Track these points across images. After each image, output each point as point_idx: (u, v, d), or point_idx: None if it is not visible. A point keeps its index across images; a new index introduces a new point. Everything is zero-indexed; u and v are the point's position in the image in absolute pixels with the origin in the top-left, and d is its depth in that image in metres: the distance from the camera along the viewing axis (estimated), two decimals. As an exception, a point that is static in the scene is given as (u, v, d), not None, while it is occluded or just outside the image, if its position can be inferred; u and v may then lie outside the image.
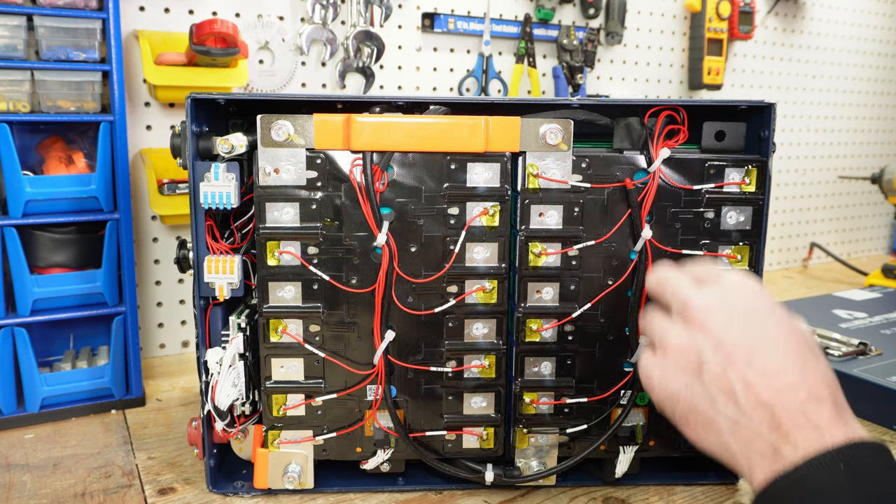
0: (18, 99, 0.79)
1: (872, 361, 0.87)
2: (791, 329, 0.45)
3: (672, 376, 0.47)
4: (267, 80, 1.05)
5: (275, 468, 0.63)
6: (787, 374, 0.43)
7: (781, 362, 0.43)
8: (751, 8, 1.45)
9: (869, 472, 0.39)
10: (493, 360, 0.63)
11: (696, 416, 0.46)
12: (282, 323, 0.61)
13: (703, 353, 0.45)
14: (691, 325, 0.47)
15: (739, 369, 0.43)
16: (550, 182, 0.60)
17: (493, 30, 1.22)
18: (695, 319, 0.46)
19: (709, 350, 0.45)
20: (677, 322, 0.48)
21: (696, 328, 0.46)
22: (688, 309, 0.47)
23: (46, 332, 0.88)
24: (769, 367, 0.43)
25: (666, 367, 0.48)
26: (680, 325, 0.48)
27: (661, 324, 0.50)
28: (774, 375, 0.43)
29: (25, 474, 0.69)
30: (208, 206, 0.59)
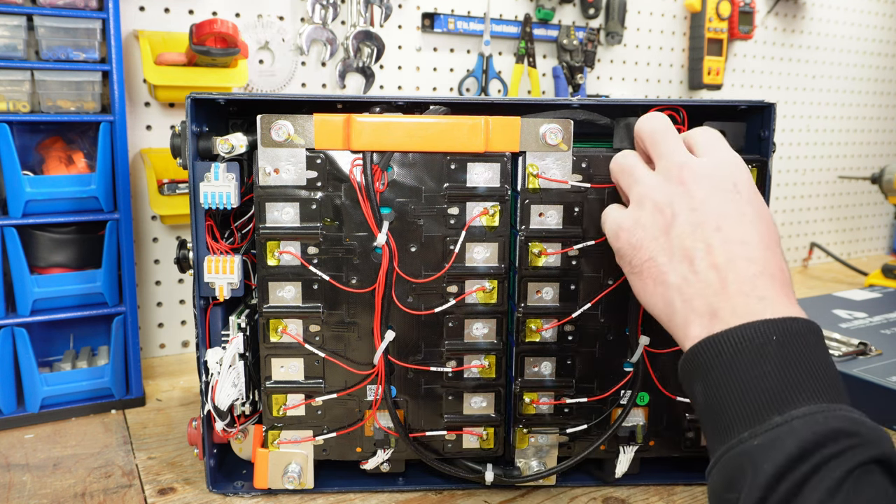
0: (18, 99, 0.79)
1: (872, 361, 0.87)
2: (765, 218, 0.47)
3: (642, 228, 0.49)
4: (267, 80, 1.05)
5: (275, 468, 0.63)
6: (748, 248, 0.45)
7: (747, 237, 0.45)
8: (751, 8, 1.45)
9: (796, 346, 0.41)
10: (493, 360, 0.63)
11: (651, 268, 0.48)
12: (282, 323, 0.61)
13: (678, 212, 0.47)
14: (677, 185, 0.48)
15: (707, 232, 0.45)
16: (550, 182, 0.60)
17: (493, 30, 1.22)
18: (683, 180, 0.48)
19: (685, 210, 0.47)
20: (660, 178, 0.50)
21: (681, 188, 0.48)
22: (682, 169, 0.48)
23: (46, 332, 0.88)
24: (734, 236, 0.45)
25: (639, 219, 0.49)
26: (663, 182, 0.49)
27: (645, 177, 0.51)
28: (737, 245, 0.45)
29: (25, 474, 0.69)
30: (208, 206, 0.59)
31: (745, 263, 0.44)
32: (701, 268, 0.45)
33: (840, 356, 0.87)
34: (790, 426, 0.38)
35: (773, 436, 0.38)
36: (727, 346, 0.42)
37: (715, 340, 0.43)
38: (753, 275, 0.44)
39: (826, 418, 0.38)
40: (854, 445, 0.37)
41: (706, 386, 0.43)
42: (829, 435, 0.37)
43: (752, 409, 0.40)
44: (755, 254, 0.45)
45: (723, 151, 0.50)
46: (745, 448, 0.39)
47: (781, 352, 0.41)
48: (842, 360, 0.87)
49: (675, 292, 0.46)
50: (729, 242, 0.45)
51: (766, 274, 0.44)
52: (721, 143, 0.51)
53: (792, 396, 0.39)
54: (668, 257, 0.47)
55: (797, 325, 0.42)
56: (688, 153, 0.50)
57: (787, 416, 0.39)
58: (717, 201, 0.47)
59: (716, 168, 0.48)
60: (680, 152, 0.50)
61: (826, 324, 1.00)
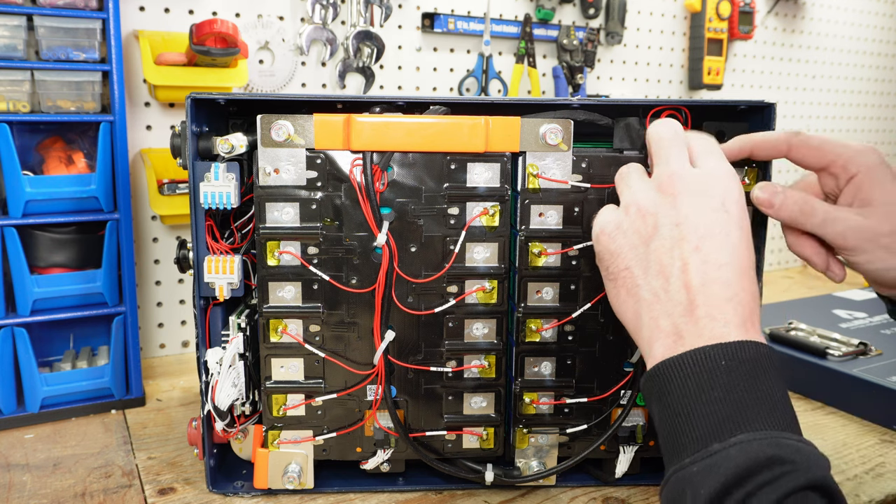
0: (18, 99, 0.79)
1: (872, 361, 0.87)
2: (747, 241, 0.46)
3: (623, 234, 0.48)
4: (267, 80, 1.05)
5: (275, 468, 0.63)
6: (725, 272, 0.44)
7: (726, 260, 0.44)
8: (751, 8, 1.45)
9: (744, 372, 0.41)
10: (493, 360, 0.63)
11: (626, 277, 0.47)
12: (282, 323, 0.61)
13: (661, 224, 0.46)
14: (665, 196, 0.47)
15: (685, 250, 0.45)
16: (550, 182, 0.60)
17: (493, 30, 1.22)
18: (672, 191, 0.47)
19: (668, 223, 0.46)
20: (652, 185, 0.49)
21: (669, 199, 0.47)
22: (672, 181, 0.48)
23: (46, 332, 0.88)
24: (713, 258, 0.44)
25: (621, 224, 0.49)
26: (654, 189, 0.48)
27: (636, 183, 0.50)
28: (713, 267, 0.44)
29: (25, 474, 0.69)
30: (208, 206, 0.59)
31: (720, 288, 0.44)
32: (674, 287, 0.45)
33: (840, 356, 0.87)
34: (727, 453, 0.38)
35: (711, 462, 0.39)
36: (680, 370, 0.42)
37: (672, 363, 0.43)
38: (725, 300, 0.43)
39: (762, 445, 0.38)
40: (788, 472, 0.37)
41: (661, 407, 0.43)
42: (764, 462, 0.37)
43: (697, 434, 0.41)
44: (731, 278, 0.44)
45: (717, 164, 0.49)
46: (685, 474, 0.40)
47: (728, 378, 0.41)
48: (842, 360, 0.87)
49: (645, 307, 0.46)
50: (706, 264, 0.44)
51: (737, 300, 0.44)
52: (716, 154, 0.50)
53: (733, 423, 0.40)
54: (644, 270, 0.46)
55: (747, 351, 0.42)
56: (684, 164, 0.49)
57: (725, 444, 0.39)
58: (702, 219, 0.46)
59: (708, 182, 0.47)
60: (676, 162, 0.49)
61: (826, 324, 1.00)
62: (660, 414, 0.44)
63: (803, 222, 0.54)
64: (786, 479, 0.37)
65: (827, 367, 0.86)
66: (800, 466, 0.37)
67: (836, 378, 0.85)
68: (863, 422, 0.82)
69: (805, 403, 0.87)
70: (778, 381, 0.42)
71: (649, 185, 0.49)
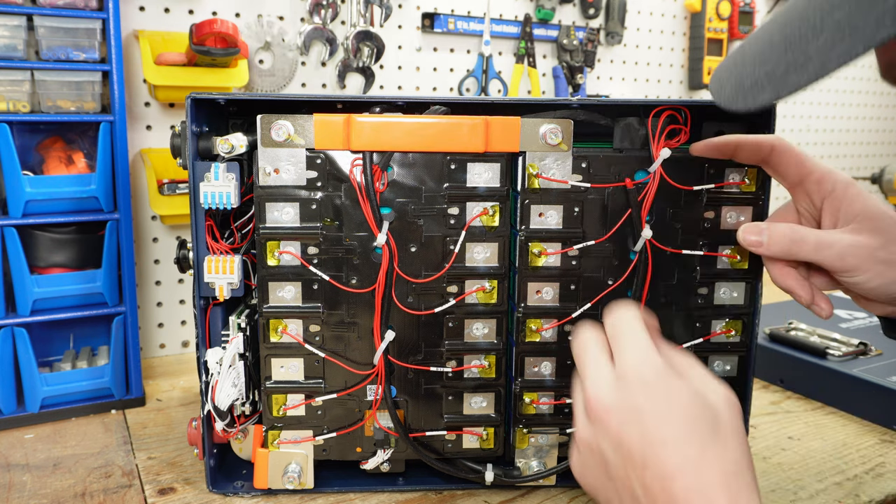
0: (18, 99, 0.79)
1: (872, 361, 0.87)
2: (690, 417, 0.41)
3: (589, 472, 0.45)
4: (267, 80, 1.05)
5: (275, 468, 0.63)
6: (681, 478, 0.39)
7: (676, 463, 0.40)
8: (751, 8, 1.45)
9: None
10: (493, 360, 0.63)
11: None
12: (282, 323, 0.61)
13: (605, 452, 0.43)
14: (594, 423, 0.44)
15: (637, 472, 0.41)
16: (550, 182, 0.60)
17: (493, 30, 1.22)
18: (595, 417, 0.44)
19: (609, 449, 0.43)
20: (583, 415, 0.45)
21: (598, 426, 0.43)
22: (589, 404, 0.44)
23: (46, 332, 0.88)
24: (663, 470, 0.40)
25: (584, 462, 0.46)
26: (585, 422, 0.45)
27: (577, 414, 0.46)
28: (668, 479, 0.40)
29: (25, 474, 0.69)
30: (208, 206, 0.59)
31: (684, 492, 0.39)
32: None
33: (840, 356, 0.87)
34: None
35: None
36: None
37: None
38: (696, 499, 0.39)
39: None
40: None
41: None
42: None
43: None
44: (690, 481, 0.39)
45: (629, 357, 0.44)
46: None
47: None
48: (842, 360, 0.87)
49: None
50: (660, 479, 0.40)
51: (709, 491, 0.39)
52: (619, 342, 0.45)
53: None
54: (619, 500, 0.43)
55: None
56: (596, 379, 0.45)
57: None
58: (634, 430, 0.41)
59: (626, 386, 0.43)
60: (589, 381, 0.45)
61: (826, 324, 1.00)
62: None
63: (796, 252, 0.53)
64: None
65: (827, 367, 0.86)
66: None
67: (836, 378, 0.85)
68: (863, 422, 0.82)
69: (805, 403, 0.87)
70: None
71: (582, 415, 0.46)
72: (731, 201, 0.62)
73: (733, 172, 0.62)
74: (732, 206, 0.63)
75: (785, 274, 0.55)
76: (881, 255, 0.51)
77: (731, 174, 0.62)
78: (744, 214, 0.63)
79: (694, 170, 0.62)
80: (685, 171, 0.62)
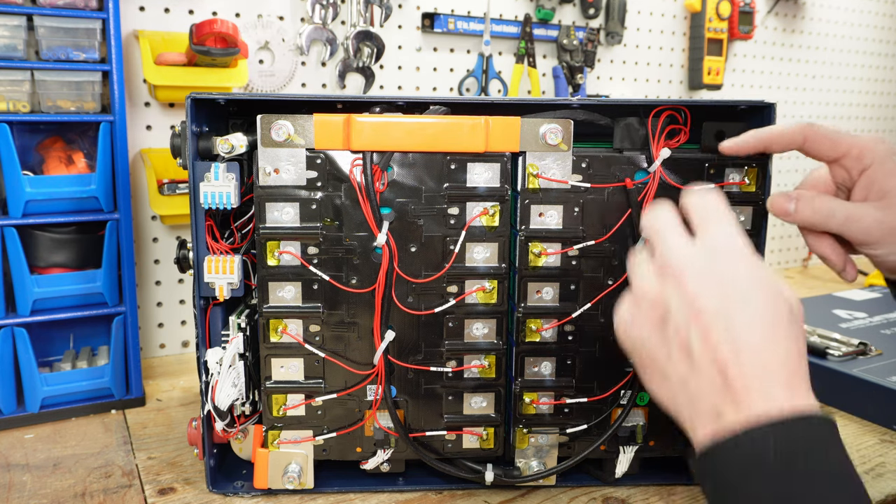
0: (18, 99, 0.79)
1: (872, 361, 0.87)
2: (769, 296, 0.43)
3: (639, 325, 0.47)
4: (267, 80, 1.05)
5: (275, 468, 0.63)
6: (750, 339, 0.41)
7: (748, 326, 0.42)
8: (751, 8, 1.45)
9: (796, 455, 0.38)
10: (493, 360, 0.63)
11: (653, 366, 0.46)
12: (282, 323, 0.61)
13: (671, 307, 0.45)
14: (667, 279, 0.46)
15: (701, 327, 0.42)
16: (550, 182, 0.60)
17: (493, 30, 1.22)
18: (670, 274, 0.45)
19: (677, 305, 0.44)
20: (655, 271, 0.47)
21: (671, 282, 0.45)
22: (667, 263, 0.46)
23: (46, 332, 0.88)
24: (734, 328, 0.42)
25: (636, 316, 0.47)
26: (656, 275, 0.47)
27: (641, 272, 0.49)
28: (737, 337, 0.41)
29: (25, 474, 0.69)
30: (208, 206, 0.59)
31: (746, 357, 0.41)
32: (700, 364, 0.42)
33: (840, 356, 0.87)
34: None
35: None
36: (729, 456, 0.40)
37: (717, 449, 0.40)
38: (754, 369, 0.41)
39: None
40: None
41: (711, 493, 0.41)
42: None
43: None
44: (754, 345, 0.41)
45: (714, 230, 0.47)
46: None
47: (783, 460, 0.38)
48: (842, 360, 0.87)
49: (679, 389, 0.44)
50: (725, 336, 0.42)
51: (768, 367, 0.41)
52: (712, 219, 0.47)
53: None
54: (667, 356, 0.45)
55: (803, 427, 0.39)
56: (680, 243, 0.47)
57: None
58: (710, 292, 0.43)
59: (708, 254, 0.45)
60: (672, 244, 0.47)
61: (826, 324, 1.00)
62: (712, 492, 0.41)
63: (824, 224, 0.54)
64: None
65: (827, 367, 0.86)
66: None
67: (836, 378, 0.85)
68: (863, 422, 0.82)
69: (805, 403, 0.87)
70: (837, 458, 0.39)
71: (652, 272, 0.48)
72: (731, 201, 0.62)
73: (733, 172, 0.62)
74: (732, 205, 0.62)
75: (821, 241, 0.56)
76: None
77: (731, 174, 0.62)
78: (744, 214, 0.63)
79: (694, 170, 0.62)
80: (685, 171, 0.62)
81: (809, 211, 0.55)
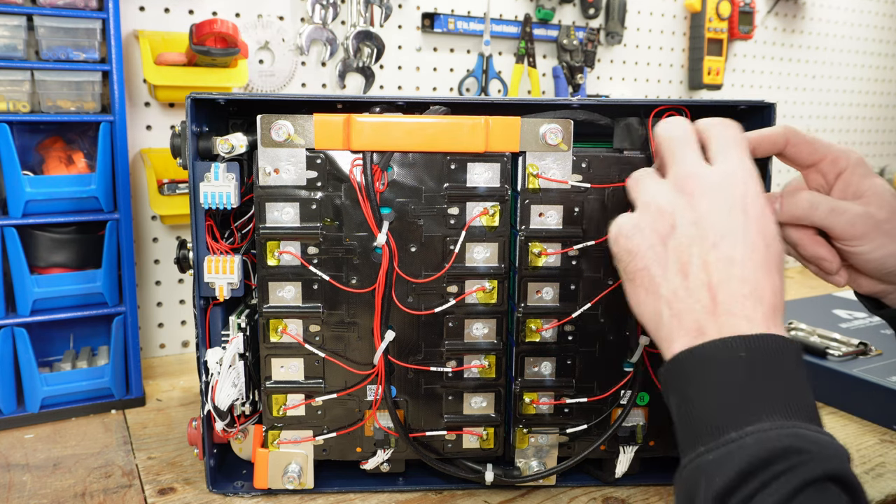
0: (18, 99, 0.79)
1: (872, 361, 0.87)
2: (767, 237, 0.46)
3: (640, 233, 0.48)
4: (267, 80, 1.05)
5: (275, 468, 0.63)
6: (744, 268, 0.44)
7: (744, 257, 0.45)
8: (751, 8, 1.45)
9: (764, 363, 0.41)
10: (493, 360, 0.63)
11: (644, 276, 0.47)
12: (282, 323, 0.61)
13: (678, 223, 0.47)
14: (682, 194, 0.47)
15: (704, 248, 0.45)
16: (550, 182, 0.60)
17: (493, 30, 1.22)
18: (690, 191, 0.47)
19: (686, 222, 0.46)
20: (668, 185, 0.49)
21: (686, 199, 0.47)
22: (688, 180, 0.48)
23: (46, 332, 0.88)
24: (732, 255, 0.44)
25: (639, 224, 0.49)
26: (670, 189, 0.49)
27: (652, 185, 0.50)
28: (732, 265, 0.44)
29: (25, 474, 0.69)
30: (208, 206, 0.59)
31: (738, 284, 0.44)
32: (694, 284, 0.45)
33: (840, 356, 0.87)
34: (742, 442, 0.38)
35: (726, 451, 0.39)
36: (700, 361, 0.42)
37: (692, 354, 0.43)
38: (743, 295, 0.43)
39: (779, 435, 0.38)
40: (805, 462, 0.37)
41: (679, 398, 0.44)
42: (780, 452, 0.37)
43: (714, 424, 0.41)
44: (748, 274, 0.44)
45: (734, 160, 0.49)
46: (700, 462, 0.40)
47: (747, 368, 0.41)
48: (842, 360, 0.87)
49: (665, 305, 0.46)
50: (724, 261, 0.44)
51: (757, 296, 0.44)
52: (734, 149, 0.49)
53: (751, 413, 0.40)
54: (663, 269, 0.47)
55: (768, 342, 0.42)
56: (699, 163, 0.49)
57: (741, 433, 0.39)
58: (720, 217, 0.46)
59: (725, 180, 0.47)
60: (691, 162, 0.49)
61: (826, 324, 1.00)
62: (677, 404, 0.44)
63: (810, 216, 0.55)
64: (802, 470, 0.36)
65: (827, 367, 0.86)
66: (817, 457, 0.37)
67: (836, 378, 0.85)
68: (863, 422, 0.82)
69: (805, 403, 0.87)
70: (799, 373, 0.42)
71: (665, 185, 0.49)
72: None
73: (733, 172, 0.62)
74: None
75: (817, 242, 0.57)
76: (887, 227, 0.54)
77: (731, 174, 0.62)
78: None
79: (694, 170, 0.62)
80: (685, 171, 0.61)
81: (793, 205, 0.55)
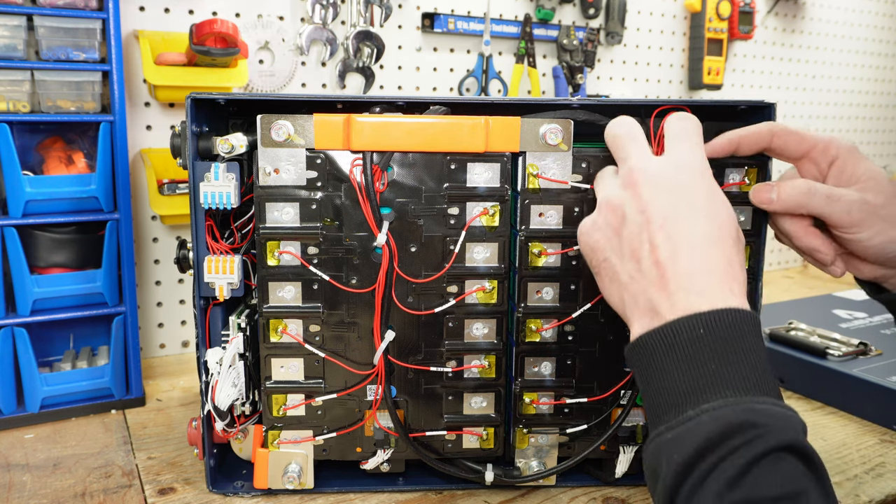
0: (18, 99, 0.79)
1: (872, 361, 0.87)
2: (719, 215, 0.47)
3: (599, 230, 0.51)
4: (267, 80, 1.05)
5: (275, 468, 0.63)
6: (690, 244, 0.45)
7: (690, 233, 0.46)
8: (751, 8, 1.45)
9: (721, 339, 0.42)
10: (493, 360, 0.63)
11: (606, 268, 0.50)
12: (282, 323, 0.61)
13: (627, 214, 0.49)
14: (628, 187, 0.50)
15: (651, 231, 0.47)
16: (550, 182, 0.60)
17: (493, 30, 1.22)
18: (634, 183, 0.49)
19: (633, 211, 0.48)
20: (619, 180, 0.51)
21: (632, 191, 0.49)
22: (631, 173, 0.50)
23: (46, 332, 0.88)
24: (678, 234, 0.46)
25: (597, 221, 0.52)
26: (619, 185, 0.51)
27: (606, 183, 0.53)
28: (678, 243, 0.46)
29: (25, 474, 0.69)
30: (208, 206, 0.59)
31: (686, 260, 0.45)
32: (645, 266, 0.46)
33: (840, 356, 0.87)
34: (699, 420, 0.40)
35: (684, 429, 0.40)
36: (658, 343, 0.44)
37: (649, 337, 0.44)
38: (692, 270, 0.44)
39: (734, 411, 0.39)
40: (760, 435, 0.38)
41: (643, 381, 0.45)
42: (735, 427, 0.38)
43: (673, 403, 0.42)
44: (697, 249, 0.45)
45: (682, 149, 0.51)
46: (660, 441, 0.41)
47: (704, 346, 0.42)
48: (842, 360, 0.87)
49: (625, 290, 0.48)
50: (671, 239, 0.46)
51: (707, 270, 0.45)
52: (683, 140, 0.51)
53: (708, 390, 0.41)
54: (620, 257, 0.49)
55: (725, 317, 0.43)
56: (643, 156, 0.51)
57: (698, 410, 0.40)
58: (663, 201, 0.48)
59: (669, 169, 0.49)
60: (635, 156, 0.51)
61: (826, 324, 1.00)
62: (643, 387, 0.45)
63: (807, 203, 0.55)
64: (758, 442, 0.37)
65: (827, 367, 0.86)
66: (772, 429, 0.38)
67: (836, 378, 0.85)
68: (863, 422, 0.82)
69: (805, 403, 0.87)
70: (755, 346, 0.42)
71: (616, 181, 0.52)
72: (731, 201, 0.62)
73: (733, 172, 0.62)
74: (732, 206, 0.62)
75: (811, 233, 0.57)
76: (883, 213, 0.54)
77: (731, 174, 0.62)
78: (744, 214, 0.63)
79: (694, 170, 0.62)
80: (685, 171, 0.61)
81: (791, 190, 0.56)
